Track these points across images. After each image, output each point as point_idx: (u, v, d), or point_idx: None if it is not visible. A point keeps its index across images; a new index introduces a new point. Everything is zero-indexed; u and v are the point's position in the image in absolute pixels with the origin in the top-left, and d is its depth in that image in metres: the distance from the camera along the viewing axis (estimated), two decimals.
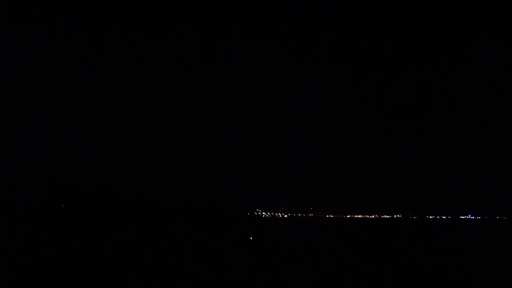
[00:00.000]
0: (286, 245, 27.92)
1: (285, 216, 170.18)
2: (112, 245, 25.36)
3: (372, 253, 24.37)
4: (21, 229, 29.88)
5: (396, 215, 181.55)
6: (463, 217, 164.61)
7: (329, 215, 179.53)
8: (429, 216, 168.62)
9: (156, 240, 29.16)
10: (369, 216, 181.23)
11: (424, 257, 22.73)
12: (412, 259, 21.59)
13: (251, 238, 24.40)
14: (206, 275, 15.52)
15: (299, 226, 68.86)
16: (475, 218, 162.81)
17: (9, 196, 36.69)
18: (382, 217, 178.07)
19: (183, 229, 41.18)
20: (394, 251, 25.96)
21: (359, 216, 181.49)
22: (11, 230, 28.80)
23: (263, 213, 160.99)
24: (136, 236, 31.76)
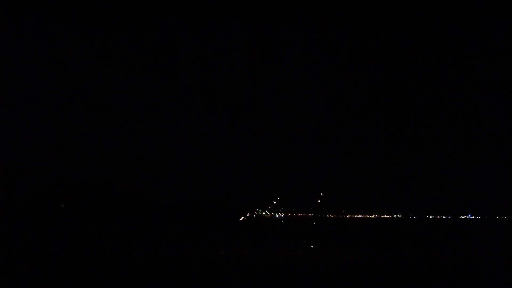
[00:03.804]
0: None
1: (283, 215, 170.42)
2: (112, 245, 25.40)
3: (372, 252, 24.41)
4: (21, 229, 29.92)
5: (396, 215, 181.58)
6: (463, 217, 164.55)
7: (329, 215, 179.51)
8: (429, 216, 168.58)
9: (156, 240, 29.20)
10: (369, 216, 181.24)
11: (423, 256, 22.76)
12: (411, 258, 21.62)
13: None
14: (205, 275, 15.55)
15: (299, 226, 68.96)
16: (475, 218, 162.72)
17: (9, 196, 36.70)
18: (382, 217, 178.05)
19: (183, 228, 41.24)
20: (392, 250, 26.00)
21: (359, 216, 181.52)
22: (11, 230, 28.83)
23: (262, 213, 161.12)
24: (135, 236, 31.80)
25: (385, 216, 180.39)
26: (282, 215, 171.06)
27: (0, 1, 38.03)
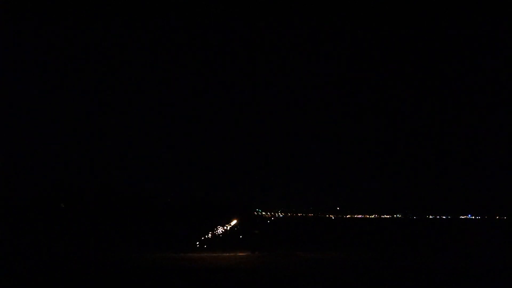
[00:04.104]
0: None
1: (283, 215, 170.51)
2: (112, 244, 25.39)
3: (371, 252, 24.41)
4: (21, 229, 29.90)
5: (396, 215, 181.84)
6: (463, 217, 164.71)
7: (329, 215, 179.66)
8: (429, 216, 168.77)
9: (157, 240, 29.18)
10: (369, 216, 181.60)
11: (423, 256, 22.75)
12: (411, 259, 21.61)
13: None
14: (205, 275, 15.52)
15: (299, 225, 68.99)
16: (475, 218, 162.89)
17: (9, 196, 36.68)
18: (382, 217, 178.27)
19: (183, 228, 41.19)
20: (392, 250, 26.01)
21: (359, 216, 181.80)
22: (11, 230, 28.82)
23: (262, 212, 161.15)
24: (135, 236, 31.77)
25: (385, 216, 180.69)
26: (282, 215, 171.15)
27: (0, 1, 37.98)
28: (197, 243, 28.00)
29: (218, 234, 38.01)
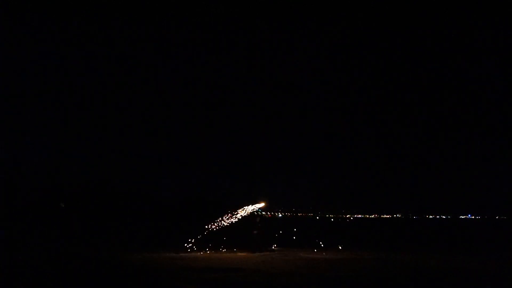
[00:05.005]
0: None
1: (281, 215, 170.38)
2: (112, 244, 25.40)
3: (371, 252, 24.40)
4: (21, 229, 29.90)
5: (396, 215, 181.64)
6: (463, 217, 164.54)
7: (329, 215, 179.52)
8: (429, 216, 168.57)
9: (157, 240, 29.17)
10: (369, 216, 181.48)
11: (423, 256, 22.75)
12: (411, 258, 21.62)
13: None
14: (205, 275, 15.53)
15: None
16: (475, 218, 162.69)
17: (9, 196, 36.67)
18: (382, 217, 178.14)
19: (182, 228, 41.13)
20: (391, 249, 25.99)
21: (359, 216, 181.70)
22: (11, 230, 28.82)
23: (262, 212, 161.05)
24: (135, 235, 31.74)
25: (385, 216, 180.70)
26: (281, 215, 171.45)
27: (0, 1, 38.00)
28: (198, 242, 28.02)
29: (219, 234, 37.90)
